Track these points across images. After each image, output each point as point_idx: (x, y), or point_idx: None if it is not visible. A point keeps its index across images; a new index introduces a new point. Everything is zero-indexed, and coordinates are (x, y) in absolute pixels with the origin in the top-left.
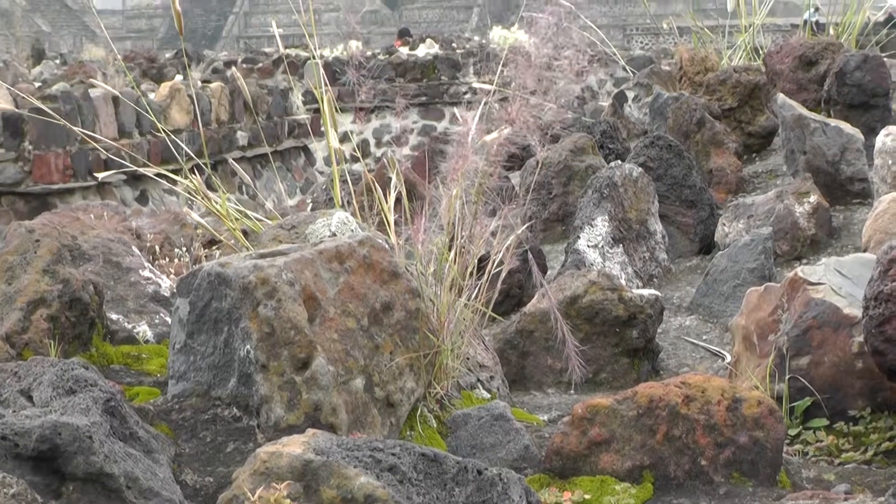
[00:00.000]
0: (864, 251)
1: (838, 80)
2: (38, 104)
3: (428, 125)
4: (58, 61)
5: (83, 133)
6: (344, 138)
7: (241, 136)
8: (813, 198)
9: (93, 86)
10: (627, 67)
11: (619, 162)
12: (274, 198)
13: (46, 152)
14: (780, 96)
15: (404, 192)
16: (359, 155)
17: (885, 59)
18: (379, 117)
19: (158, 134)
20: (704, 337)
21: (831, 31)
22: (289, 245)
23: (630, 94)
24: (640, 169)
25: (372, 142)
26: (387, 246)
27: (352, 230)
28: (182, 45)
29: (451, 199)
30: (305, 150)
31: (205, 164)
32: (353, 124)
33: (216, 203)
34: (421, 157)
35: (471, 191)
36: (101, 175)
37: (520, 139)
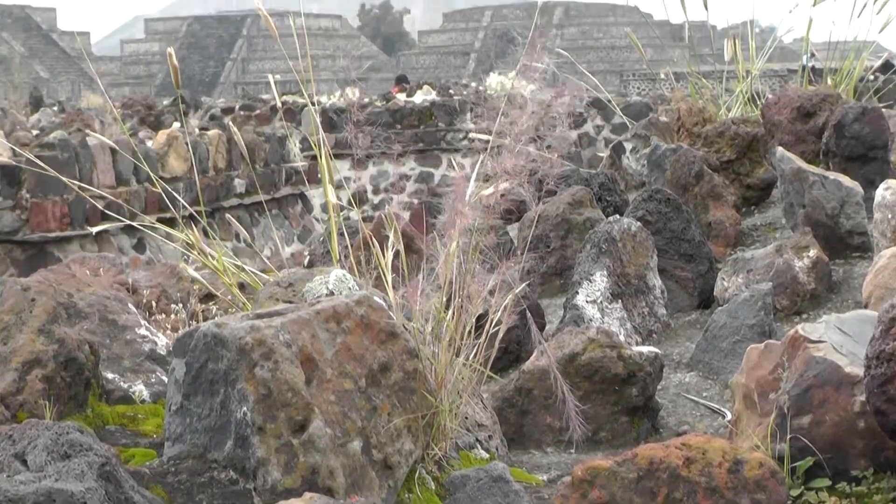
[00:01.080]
0: (865, 306)
1: (837, 132)
2: (33, 157)
3: (425, 172)
4: (55, 108)
5: (77, 185)
6: (341, 185)
7: (239, 184)
8: (812, 252)
9: (90, 134)
10: (625, 118)
11: (618, 216)
12: (271, 245)
13: (44, 200)
14: (779, 149)
15: (402, 249)
16: (355, 204)
17: (884, 111)
18: (376, 164)
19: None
20: (704, 394)
21: (829, 81)
22: (286, 305)
23: (628, 146)
24: (639, 223)
25: (369, 188)
26: (384, 305)
27: (349, 288)
28: (179, 95)
29: (448, 256)
30: (303, 197)
31: (200, 212)
32: (350, 171)
33: (212, 258)
34: (418, 210)
35: (468, 248)
36: (94, 228)
37: (516, 194)
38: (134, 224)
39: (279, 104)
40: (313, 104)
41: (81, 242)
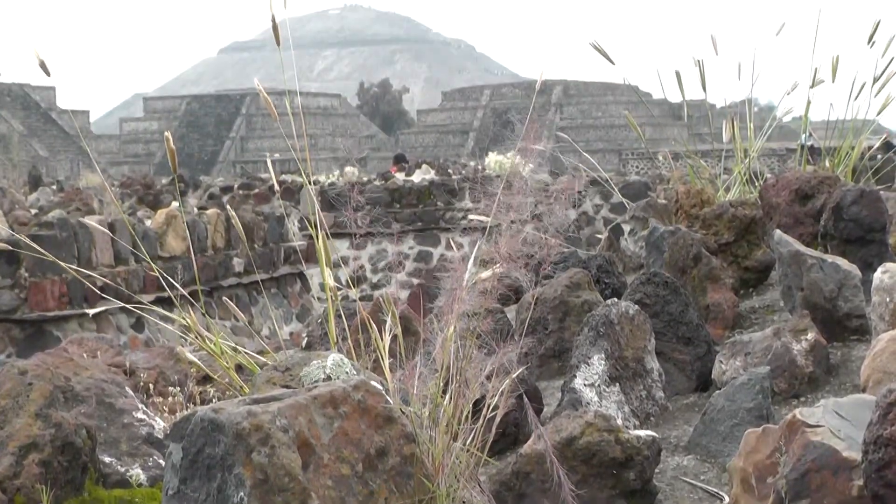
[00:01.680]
0: (863, 390)
1: (835, 214)
2: (28, 240)
3: (424, 251)
4: (54, 187)
5: (74, 269)
6: (340, 264)
7: (238, 263)
8: (810, 335)
9: (89, 213)
10: (623, 198)
11: (616, 299)
12: (270, 324)
13: (42, 279)
14: (777, 232)
15: (399, 334)
16: (353, 284)
17: (882, 193)
18: (375, 243)
19: (155, 261)
20: (702, 477)
21: (827, 163)
22: (283, 390)
23: (626, 227)
24: (637, 306)
25: (368, 267)
26: (382, 389)
27: (346, 372)
28: (177, 176)
29: (445, 341)
30: (301, 276)
31: (198, 292)
32: (349, 250)
33: (210, 340)
34: (417, 292)
35: (465, 333)
36: (91, 311)
37: (513, 279)
38: (131, 307)
39: (276, 185)
40: (311, 184)
41: (80, 321)
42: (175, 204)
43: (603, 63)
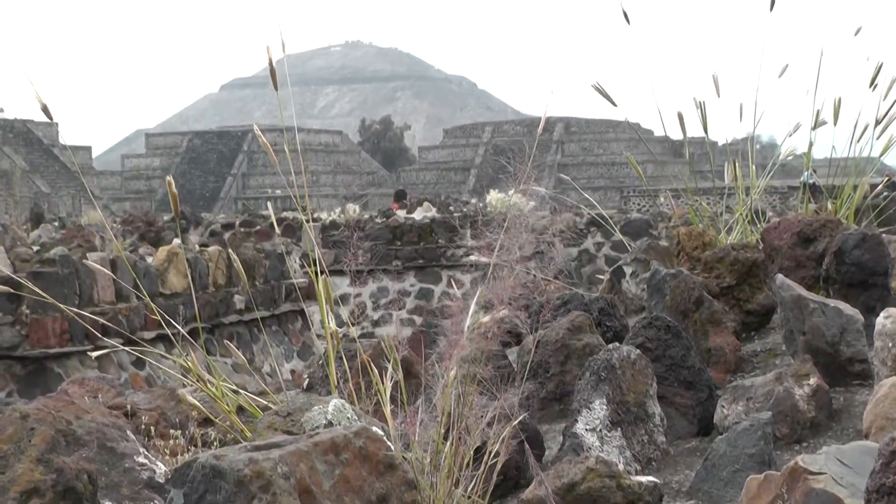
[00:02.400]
0: (866, 437)
1: (837, 258)
2: (27, 281)
3: (425, 288)
4: (56, 224)
5: (74, 311)
6: (340, 302)
7: (239, 300)
8: (813, 380)
9: (91, 250)
10: (623, 237)
11: (617, 344)
12: (271, 362)
13: (43, 316)
14: (779, 277)
15: (401, 380)
16: (353, 321)
17: (884, 237)
18: (376, 280)
19: (156, 298)
20: None
21: (829, 206)
22: (285, 436)
23: (628, 270)
24: (638, 351)
25: (369, 304)
26: (383, 436)
27: (348, 418)
28: (179, 215)
29: (446, 387)
30: (302, 313)
31: (199, 330)
32: (350, 287)
33: (211, 384)
34: (417, 335)
35: (466, 379)
36: (95, 353)
37: (513, 325)
38: (131, 350)
39: (275, 224)
40: (312, 221)
41: (81, 358)
42: (177, 241)
43: (604, 101)
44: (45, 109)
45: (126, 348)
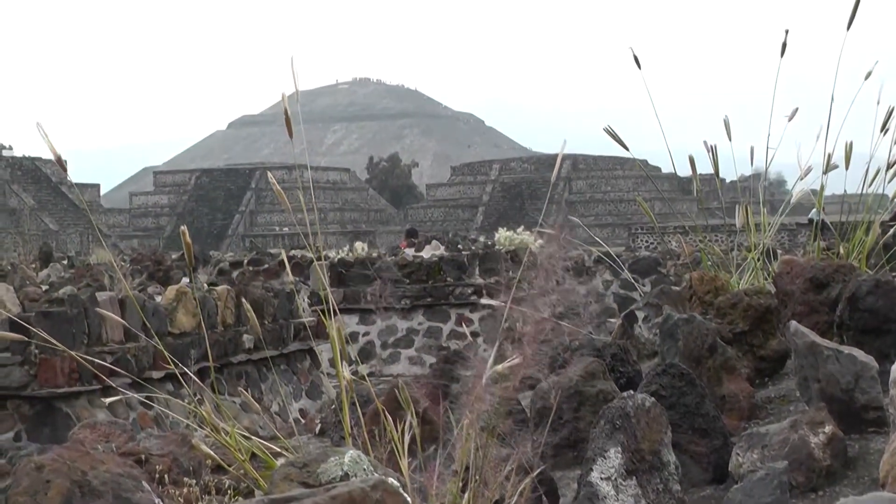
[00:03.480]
0: (882, 486)
1: (850, 305)
2: (28, 324)
3: (433, 326)
4: (65, 263)
5: (80, 356)
6: (349, 340)
7: (247, 339)
8: (828, 428)
9: (100, 289)
10: (631, 275)
11: (632, 392)
12: (279, 401)
13: (52, 356)
14: (793, 324)
15: (418, 433)
16: (360, 360)
17: None
18: (384, 318)
19: (165, 337)
20: None
21: (841, 250)
22: (301, 489)
23: (640, 314)
24: (653, 399)
25: (377, 343)
26: (400, 488)
27: (364, 470)
28: (192, 263)
29: (464, 442)
30: (311, 352)
31: (212, 368)
32: (358, 326)
33: (224, 432)
34: (433, 376)
35: (484, 431)
36: (108, 400)
37: (531, 373)
38: (137, 396)
39: (287, 264)
40: (321, 259)
41: (90, 398)
42: (185, 280)
43: (613, 139)
44: (59, 160)
45: (136, 395)
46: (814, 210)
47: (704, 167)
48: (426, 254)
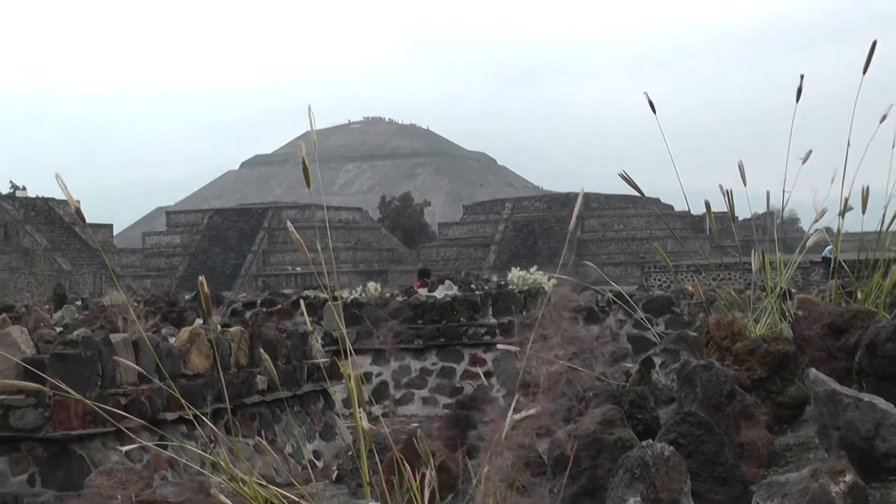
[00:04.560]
0: None
1: (869, 351)
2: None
3: (447, 367)
4: (79, 304)
5: (94, 403)
6: (363, 380)
7: (261, 381)
8: (848, 477)
9: (114, 331)
10: (643, 316)
11: (651, 441)
12: (293, 442)
13: (66, 398)
14: (812, 371)
15: (436, 483)
16: (374, 400)
17: None
18: (398, 359)
19: (178, 379)
20: None
21: (859, 295)
22: None
23: (657, 360)
24: (671, 448)
25: (391, 383)
26: None
27: None
28: (210, 313)
29: (484, 497)
30: (325, 393)
31: (227, 408)
32: (372, 366)
33: (242, 481)
34: (449, 422)
35: (504, 484)
36: (124, 448)
37: (549, 423)
38: (152, 445)
39: (304, 308)
40: (335, 300)
41: (104, 440)
42: (199, 321)
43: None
44: (77, 212)
45: (151, 444)
46: (828, 248)
47: (717, 205)
48: (439, 294)
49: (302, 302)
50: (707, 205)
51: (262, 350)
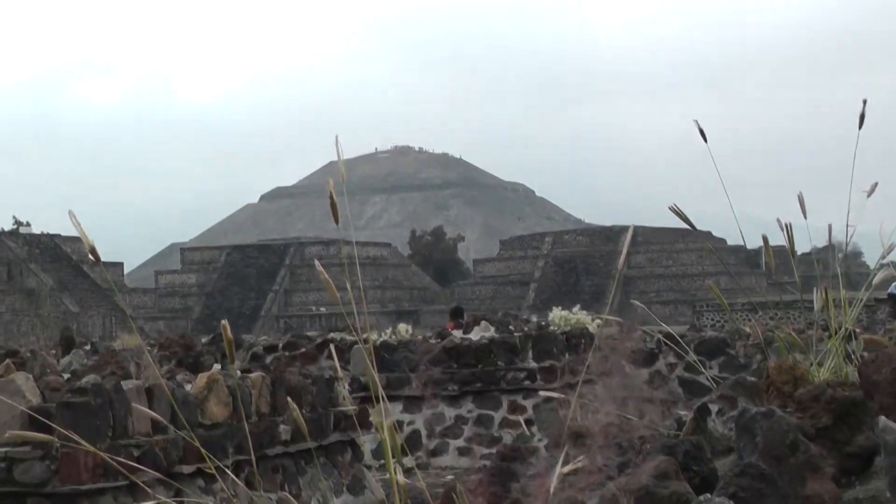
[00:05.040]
0: None
1: None
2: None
3: (484, 414)
4: (88, 348)
5: (107, 455)
6: (394, 428)
7: (284, 430)
8: None
9: (126, 377)
10: (696, 358)
11: (709, 495)
12: (319, 496)
13: (75, 450)
14: (882, 419)
15: None
16: (408, 451)
17: None
18: (430, 406)
19: (195, 428)
20: None
21: None
22: None
23: (713, 408)
24: (731, 502)
25: (423, 432)
26: None
27: None
28: (233, 358)
29: None
30: (353, 444)
31: (252, 460)
32: (403, 414)
33: None
34: (490, 475)
35: None
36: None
37: (599, 477)
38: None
39: (334, 353)
40: (364, 342)
41: (115, 494)
42: (217, 367)
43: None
44: (92, 251)
45: (167, 499)
46: (894, 284)
47: (774, 238)
48: (475, 335)
49: (332, 345)
50: (765, 239)
51: (288, 397)
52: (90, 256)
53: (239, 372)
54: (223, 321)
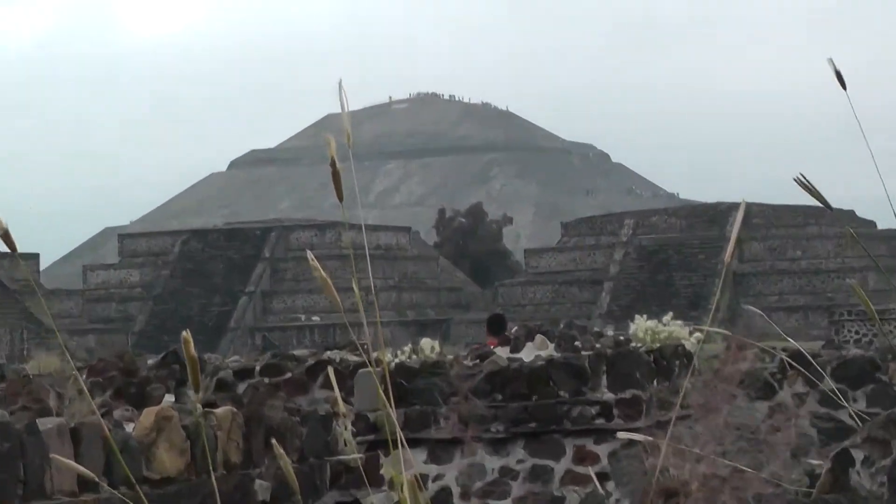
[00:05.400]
0: None
1: None
2: None
3: (539, 465)
4: None
5: None
6: (416, 485)
7: (262, 488)
8: None
9: (44, 413)
10: (835, 385)
11: None
12: None
13: None
14: None
15: None
16: None
17: None
18: (466, 453)
19: (140, 485)
20: None
21: None
22: None
23: (858, 455)
24: None
25: (455, 490)
26: None
27: None
28: (202, 396)
29: None
30: None
31: None
32: (428, 465)
33: None
34: None
35: None
36: None
37: None
38: None
39: (323, 359)
40: (369, 363)
41: None
42: (169, 398)
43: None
44: (6, 236)
45: None
46: None
47: None
48: (527, 355)
49: (329, 368)
50: None
51: (272, 440)
52: (2, 243)
53: (200, 406)
54: (184, 333)
